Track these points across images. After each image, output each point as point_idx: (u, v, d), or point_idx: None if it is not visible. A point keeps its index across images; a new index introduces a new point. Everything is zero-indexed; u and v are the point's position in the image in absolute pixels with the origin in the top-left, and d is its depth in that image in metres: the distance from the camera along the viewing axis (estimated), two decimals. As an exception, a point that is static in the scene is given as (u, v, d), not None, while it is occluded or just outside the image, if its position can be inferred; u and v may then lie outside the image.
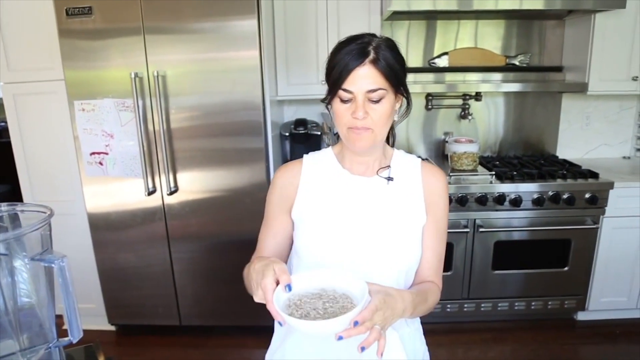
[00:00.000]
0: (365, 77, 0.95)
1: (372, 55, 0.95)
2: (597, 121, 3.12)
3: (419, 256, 1.10)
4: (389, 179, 1.10)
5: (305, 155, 1.17)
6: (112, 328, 2.79)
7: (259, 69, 2.31)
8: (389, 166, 1.12)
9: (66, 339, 0.76)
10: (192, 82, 2.32)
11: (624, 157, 3.16)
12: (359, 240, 1.06)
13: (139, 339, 2.63)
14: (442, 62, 2.96)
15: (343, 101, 0.97)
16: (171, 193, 2.42)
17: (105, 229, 2.51)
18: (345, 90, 0.96)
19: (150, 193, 2.42)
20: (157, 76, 2.27)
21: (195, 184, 2.45)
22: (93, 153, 2.38)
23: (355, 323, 0.81)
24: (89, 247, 2.55)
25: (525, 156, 3.08)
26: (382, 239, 1.06)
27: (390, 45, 1.00)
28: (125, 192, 2.46)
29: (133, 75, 2.25)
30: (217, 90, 2.33)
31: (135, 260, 2.56)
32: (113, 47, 2.27)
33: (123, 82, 2.29)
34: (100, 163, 2.39)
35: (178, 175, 2.44)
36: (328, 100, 1.02)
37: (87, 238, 2.53)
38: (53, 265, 0.71)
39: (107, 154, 2.38)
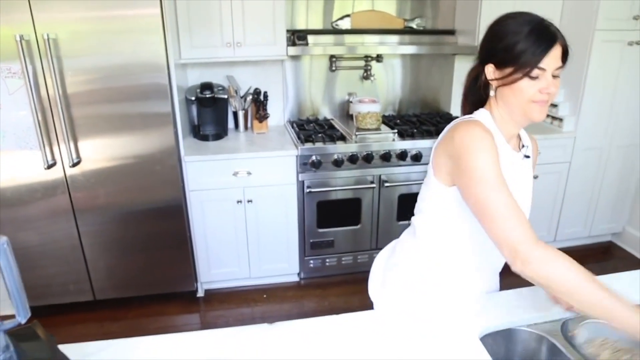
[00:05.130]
0: (556, 57, 1.06)
1: (559, 35, 1.07)
2: (483, 80, 3.41)
3: None
4: (527, 157, 1.24)
5: (478, 120, 1.15)
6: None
7: (161, 28, 2.22)
8: (525, 146, 1.26)
9: (12, 320, 0.74)
10: (88, 43, 2.17)
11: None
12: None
13: (51, 319, 2.49)
14: (345, 24, 3.05)
15: (532, 78, 1.07)
16: (74, 165, 2.29)
17: (0, 208, 2.32)
18: (540, 68, 1.05)
19: (49, 166, 2.26)
20: (48, 39, 2.09)
21: (99, 152, 2.33)
22: (-23, 125, 2.15)
23: None
24: (-19, 227, 2.34)
25: (423, 114, 3.32)
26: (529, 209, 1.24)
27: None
28: (20, 166, 2.27)
29: (18, 39, 2.05)
30: (117, 51, 2.20)
31: (38, 238, 2.41)
32: (-9, 5, 2.04)
33: (6, 45, 2.08)
34: (-13, 135, 2.18)
35: (80, 145, 2.30)
36: (509, 80, 1.08)
37: (-22, 218, 2.32)
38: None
39: (-6, 125, 2.17)
